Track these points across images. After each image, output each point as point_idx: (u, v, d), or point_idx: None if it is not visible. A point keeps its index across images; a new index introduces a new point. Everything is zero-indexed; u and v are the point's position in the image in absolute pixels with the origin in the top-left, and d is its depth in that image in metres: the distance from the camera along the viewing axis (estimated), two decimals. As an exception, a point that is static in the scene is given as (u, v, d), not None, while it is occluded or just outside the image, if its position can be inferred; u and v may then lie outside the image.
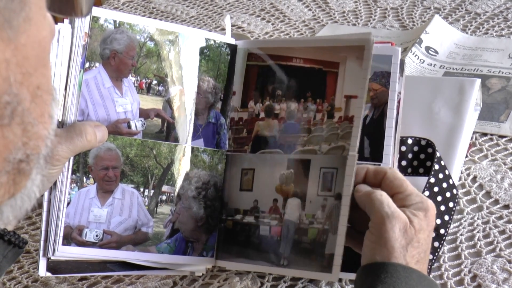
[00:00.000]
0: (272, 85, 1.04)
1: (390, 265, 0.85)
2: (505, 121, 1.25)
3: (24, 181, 0.56)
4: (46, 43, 0.55)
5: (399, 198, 0.90)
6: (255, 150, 1.03)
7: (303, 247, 0.97)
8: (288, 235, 0.98)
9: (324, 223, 0.96)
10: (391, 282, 0.84)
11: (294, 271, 0.98)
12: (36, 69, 0.54)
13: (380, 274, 0.85)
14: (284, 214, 0.99)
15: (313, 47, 1.02)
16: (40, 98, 0.54)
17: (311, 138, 1.00)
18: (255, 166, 1.03)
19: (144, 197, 0.99)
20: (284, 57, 1.03)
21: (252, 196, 1.02)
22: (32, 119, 0.54)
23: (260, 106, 1.04)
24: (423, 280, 0.86)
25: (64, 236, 0.94)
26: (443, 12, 1.60)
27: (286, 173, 1.00)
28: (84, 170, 0.96)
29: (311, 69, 1.02)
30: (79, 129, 0.91)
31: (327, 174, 0.97)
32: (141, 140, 0.99)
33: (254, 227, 1.01)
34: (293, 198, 0.99)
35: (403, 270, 0.85)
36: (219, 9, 1.77)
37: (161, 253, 1.00)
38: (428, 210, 0.89)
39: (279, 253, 0.99)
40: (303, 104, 1.01)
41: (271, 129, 1.03)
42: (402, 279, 0.84)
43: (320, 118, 1.00)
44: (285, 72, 1.03)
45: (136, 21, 0.99)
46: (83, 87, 0.95)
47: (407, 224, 0.87)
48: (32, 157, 0.55)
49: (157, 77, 1.00)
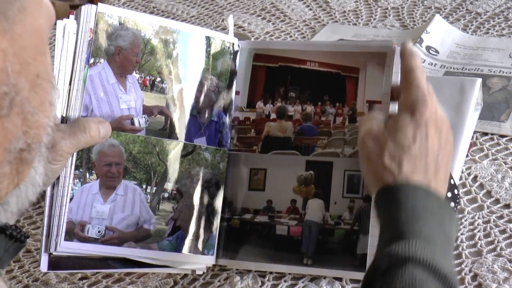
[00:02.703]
0: (283, 86, 1.05)
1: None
2: (505, 120, 1.25)
3: (27, 170, 0.56)
4: (44, 31, 0.55)
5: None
6: (266, 150, 1.04)
7: (330, 247, 0.99)
8: (311, 235, 1.00)
9: (353, 224, 0.98)
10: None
11: (321, 270, 0.99)
12: (35, 57, 0.54)
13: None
14: (304, 215, 1.01)
15: (329, 51, 1.03)
16: (39, 87, 0.54)
17: (332, 141, 1.02)
18: (266, 166, 1.04)
19: (147, 194, 1.00)
20: (295, 59, 1.05)
21: (265, 196, 1.03)
22: (31, 108, 0.54)
23: (271, 107, 1.05)
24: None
25: (67, 232, 0.94)
26: (444, 12, 1.60)
27: (305, 175, 1.02)
28: (87, 165, 0.96)
29: (328, 73, 1.03)
30: (82, 125, 0.91)
31: (353, 177, 0.99)
32: (144, 137, 0.99)
33: (269, 227, 1.02)
34: (314, 199, 1.01)
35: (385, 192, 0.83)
36: (219, 8, 1.77)
37: (162, 250, 1.00)
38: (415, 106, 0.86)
39: (301, 253, 1.00)
40: (321, 107, 1.03)
41: (285, 130, 1.04)
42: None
43: (341, 122, 1.02)
44: (298, 74, 1.04)
45: (141, 18, 0.99)
46: (87, 82, 0.95)
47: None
48: (34, 146, 0.55)
49: (160, 74, 1.00)
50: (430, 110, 0.87)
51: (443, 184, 0.87)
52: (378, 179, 0.84)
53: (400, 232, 0.77)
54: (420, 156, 0.84)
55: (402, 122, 0.86)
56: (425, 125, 0.86)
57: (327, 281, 1.00)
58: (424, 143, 0.85)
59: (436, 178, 0.85)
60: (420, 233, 0.77)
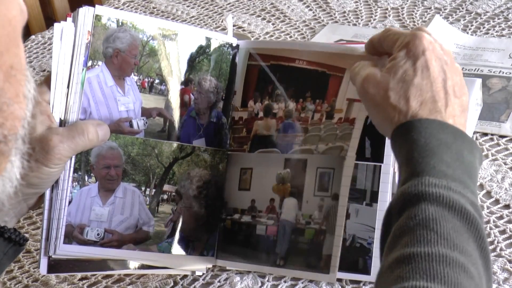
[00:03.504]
0: (272, 85, 1.04)
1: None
2: (505, 121, 1.25)
3: (4, 163, 0.56)
4: (17, 22, 0.55)
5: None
6: (254, 149, 1.03)
7: (300, 247, 0.98)
8: (285, 235, 0.99)
9: (322, 223, 0.96)
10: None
11: (291, 271, 0.98)
12: (8, 48, 0.54)
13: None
14: (280, 214, 1.00)
15: (319, 51, 1.02)
16: (14, 78, 0.54)
17: (308, 138, 1.00)
18: (253, 166, 1.03)
19: (146, 196, 0.99)
20: (286, 58, 1.04)
21: (250, 195, 1.02)
22: (7, 99, 0.54)
23: (260, 106, 1.04)
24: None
25: (66, 235, 0.94)
26: (444, 12, 1.60)
27: (283, 173, 1.01)
28: (86, 168, 0.96)
29: (314, 71, 1.02)
30: (81, 128, 0.91)
31: (323, 174, 0.98)
32: (143, 139, 0.99)
33: (251, 226, 1.01)
34: (289, 198, 1.00)
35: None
36: (219, 9, 1.77)
37: (162, 252, 1.00)
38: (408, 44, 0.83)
39: (275, 253, 0.99)
40: (302, 103, 1.02)
41: (270, 128, 1.03)
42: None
43: (318, 118, 1.00)
44: (286, 72, 1.03)
45: (139, 20, 0.99)
46: (85, 85, 0.95)
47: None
48: (10, 138, 0.55)
49: (159, 76, 1.00)
50: (426, 40, 0.83)
51: (461, 114, 0.82)
52: (389, 121, 0.82)
53: (414, 170, 0.75)
54: (426, 86, 0.81)
55: (399, 60, 0.83)
56: (423, 54, 0.83)
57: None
58: (425, 73, 0.82)
59: (449, 106, 0.81)
60: (434, 169, 0.74)
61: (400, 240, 0.71)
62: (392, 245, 0.72)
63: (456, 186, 0.74)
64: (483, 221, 0.74)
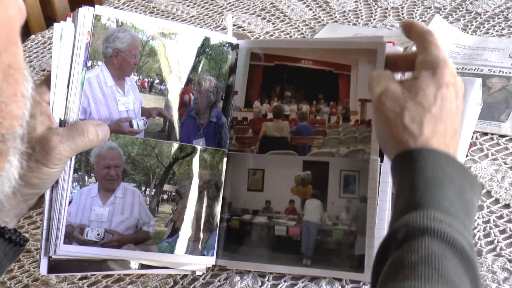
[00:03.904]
0: (279, 85, 1.04)
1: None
2: (505, 120, 1.25)
3: (2, 163, 0.56)
4: (15, 22, 0.55)
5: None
6: (264, 150, 1.04)
7: (328, 248, 0.99)
8: (309, 235, 1.00)
9: (351, 224, 0.98)
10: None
11: (321, 271, 0.99)
12: (6, 47, 0.54)
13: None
14: (303, 215, 1.01)
15: (322, 49, 1.03)
16: (12, 77, 0.54)
17: (327, 141, 1.01)
18: (264, 167, 1.03)
19: (146, 196, 0.99)
20: (290, 58, 1.04)
21: (264, 196, 1.03)
22: (5, 98, 0.54)
23: (267, 107, 1.05)
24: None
25: (66, 235, 0.94)
26: (444, 12, 1.60)
27: (302, 175, 1.02)
28: (86, 169, 0.96)
29: (321, 71, 1.02)
30: (81, 128, 0.91)
31: (348, 177, 0.99)
32: (143, 139, 0.99)
33: (268, 227, 1.02)
34: (312, 200, 1.01)
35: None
36: (219, 8, 1.77)
37: (162, 252, 1.00)
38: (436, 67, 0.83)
39: (301, 253, 1.00)
40: (316, 106, 1.02)
41: (281, 130, 1.04)
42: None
43: (335, 121, 1.02)
44: (294, 73, 1.04)
45: (139, 20, 0.99)
46: (85, 85, 0.95)
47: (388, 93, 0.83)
48: (8, 137, 0.55)
49: (159, 76, 1.00)
50: (451, 71, 0.84)
51: (458, 151, 0.84)
52: (397, 141, 0.81)
53: (418, 200, 0.75)
54: (440, 118, 0.81)
55: (422, 81, 0.83)
56: (446, 86, 0.83)
57: (326, 281, 1.00)
58: (444, 105, 0.82)
59: (454, 143, 0.82)
60: (439, 203, 0.74)
61: (400, 271, 0.70)
62: (391, 275, 0.71)
63: (457, 225, 0.74)
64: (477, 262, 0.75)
